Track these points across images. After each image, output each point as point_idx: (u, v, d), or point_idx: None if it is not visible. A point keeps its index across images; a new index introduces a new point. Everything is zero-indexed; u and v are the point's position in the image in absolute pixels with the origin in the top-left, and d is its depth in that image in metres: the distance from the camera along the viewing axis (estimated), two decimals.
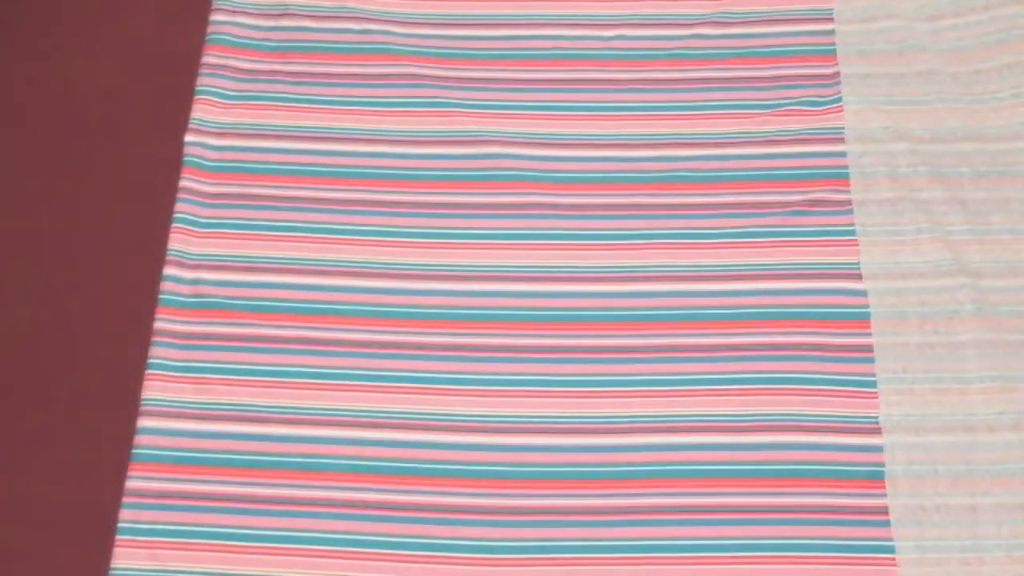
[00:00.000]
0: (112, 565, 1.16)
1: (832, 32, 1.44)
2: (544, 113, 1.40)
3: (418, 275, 1.30)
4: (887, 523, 1.17)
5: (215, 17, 1.46)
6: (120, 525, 1.17)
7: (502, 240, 1.32)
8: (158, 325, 1.27)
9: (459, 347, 1.26)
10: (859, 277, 1.29)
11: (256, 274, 1.30)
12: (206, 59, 1.43)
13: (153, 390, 1.23)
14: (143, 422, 1.22)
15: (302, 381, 1.24)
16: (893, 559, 1.15)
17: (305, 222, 1.33)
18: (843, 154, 1.36)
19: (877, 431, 1.21)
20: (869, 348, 1.25)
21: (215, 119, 1.39)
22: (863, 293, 1.28)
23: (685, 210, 1.33)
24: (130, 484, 1.19)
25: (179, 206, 1.33)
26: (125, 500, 1.18)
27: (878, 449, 1.20)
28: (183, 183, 1.35)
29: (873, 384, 1.23)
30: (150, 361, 1.25)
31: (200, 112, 1.39)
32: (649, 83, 1.42)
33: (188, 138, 1.37)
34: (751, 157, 1.37)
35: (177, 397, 1.23)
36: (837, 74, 1.41)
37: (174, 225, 1.32)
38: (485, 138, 1.38)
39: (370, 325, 1.27)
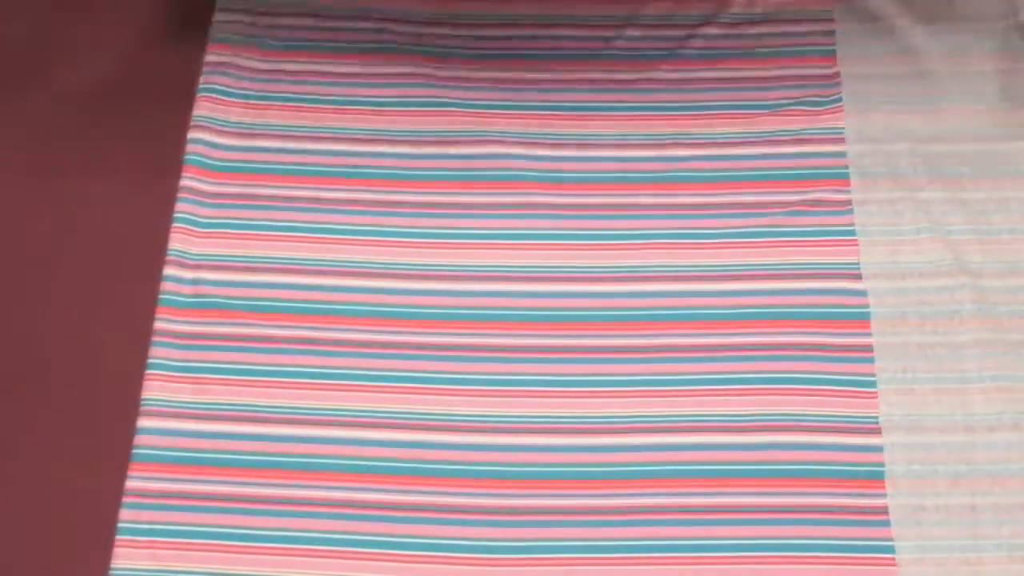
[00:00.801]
0: (112, 565, 1.15)
1: (832, 32, 1.44)
2: (544, 113, 1.40)
3: (418, 275, 1.30)
4: (887, 523, 1.17)
5: (218, 16, 1.46)
6: (120, 525, 1.17)
7: (502, 240, 1.32)
8: (158, 325, 1.27)
9: (459, 347, 1.26)
10: (859, 277, 1.29)
11: (256, 274, 1.30)
12: (208, 57, 1.43)
13: (153, 390, 1.23)
14: (143, 422, 1.22)
15: (302, 381, 1.24)
16: (893, 559, 1.15)
17: (305, 222, 1.33)
18: (843, 154, 1.36)
19: (877, 431, 1.21)
20: (869, 348, 1.25)
21: (217, 117, 1.39)
22: (863, 293, 1.28)
23: (685, 210, 1.33)
24: (130, 484, 1.19)
25: (180, 206, 1.33)
26: (125, 500, 1.18)
27: (878, 449, 1.20)
28: (184, 182, 1.35)
29: (873, 384, 1.23)
30: (150, 361, 1.25)
31: (202, 110, 1.39)
32: (649, 83, 1.42)
33: (190, 136, 1.38)
34: (751, 157, 1.37)
35: (177, 397, 1.23)
36: (837, 74, 1.41)
37: (174, 225, 1.32)
38: (485, 138, 1.38)
39: (370, 325, 1.27)
